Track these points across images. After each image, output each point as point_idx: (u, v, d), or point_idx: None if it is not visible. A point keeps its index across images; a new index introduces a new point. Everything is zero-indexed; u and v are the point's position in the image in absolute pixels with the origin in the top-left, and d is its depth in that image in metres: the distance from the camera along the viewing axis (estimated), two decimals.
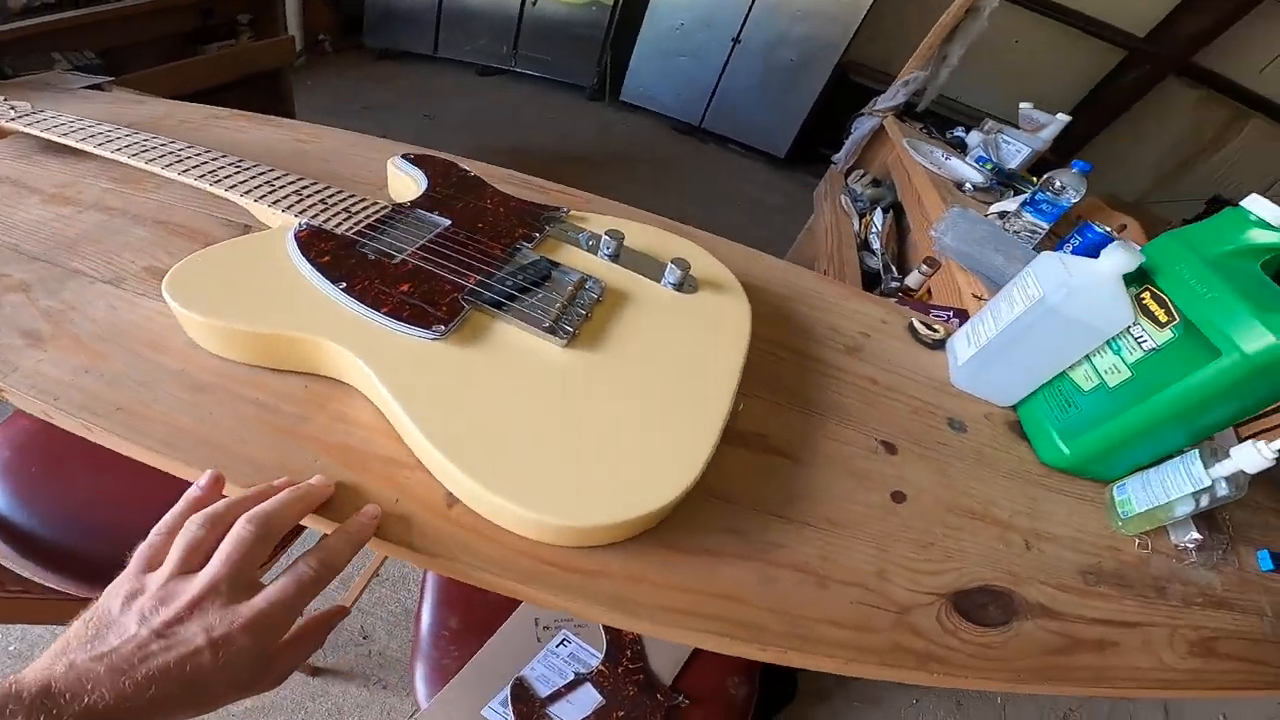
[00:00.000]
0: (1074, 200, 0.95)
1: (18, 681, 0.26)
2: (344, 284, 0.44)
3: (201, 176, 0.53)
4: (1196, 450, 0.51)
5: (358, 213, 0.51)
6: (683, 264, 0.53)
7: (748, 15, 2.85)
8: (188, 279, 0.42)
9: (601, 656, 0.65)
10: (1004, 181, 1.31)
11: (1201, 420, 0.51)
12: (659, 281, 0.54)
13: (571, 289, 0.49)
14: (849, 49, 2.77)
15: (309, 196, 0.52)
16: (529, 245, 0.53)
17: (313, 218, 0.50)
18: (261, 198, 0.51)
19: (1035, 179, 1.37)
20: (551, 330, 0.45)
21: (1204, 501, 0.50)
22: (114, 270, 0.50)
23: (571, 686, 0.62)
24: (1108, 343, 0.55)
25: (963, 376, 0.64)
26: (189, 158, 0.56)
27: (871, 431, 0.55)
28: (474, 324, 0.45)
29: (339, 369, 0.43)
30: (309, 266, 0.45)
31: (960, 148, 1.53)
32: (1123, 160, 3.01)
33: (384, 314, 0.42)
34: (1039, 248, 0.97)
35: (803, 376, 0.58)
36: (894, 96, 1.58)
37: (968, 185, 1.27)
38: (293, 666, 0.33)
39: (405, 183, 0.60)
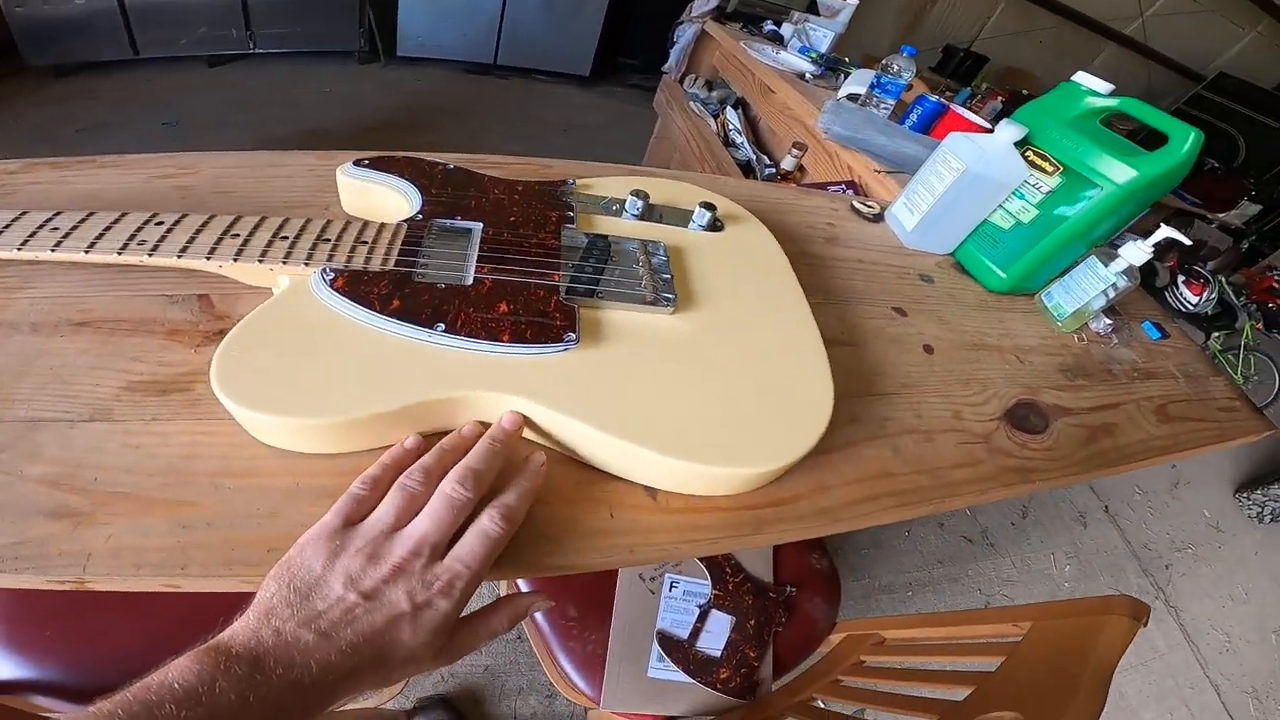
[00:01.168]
0: (908, 79, 1.11)
1: (226, 646, 0.24)
2: (441, 325, 0.39)
3: (125, 249, 0.41)
4: (1095, 256, 0.70)
5: (373, 241, 0.44)
6: (709, 206, 0.54)
7: None
8: (249, 381, 0.34)
9: (709, 584, 0.70)
10: (831, 67, 1.45)
11: (1094, 234, 0.69)
12: (688, 227, 0.55)
13: (642, 257, 0.48)
14: None
15: (302, 238, 0.43)
16: (572, 226, 0.50)
17: (332, 261, 0.41)
18: (261, 255, 0.41)
19: (846, 58, 1.56)
20: (655, 302, 0.45)
21: (1111, 294, 0.68)
22: (86, 404, 0.38)
23: (702, 619, 0.67)
24: (1014, 192, 0.71)
25: (913, 239, 0.76)
26: (80, 230, 0.41)
27: (882, 302, 0.65)
28: (586, 320, 0.43)
29: (474, 414, 0.39)
30: (380, 317, 0.38)
31: (778, 41, 1.64)
32: (870, 23, 3.44)
33: (507, 342, 0.39)
34: (892, 118, 1.12)
35: (816, 273, 0.65)
36: (706, 2, 1.63)
37: (807, 75, 1.38)
38: (474, 644, 0.32)
39: (374, 194, 0.51)
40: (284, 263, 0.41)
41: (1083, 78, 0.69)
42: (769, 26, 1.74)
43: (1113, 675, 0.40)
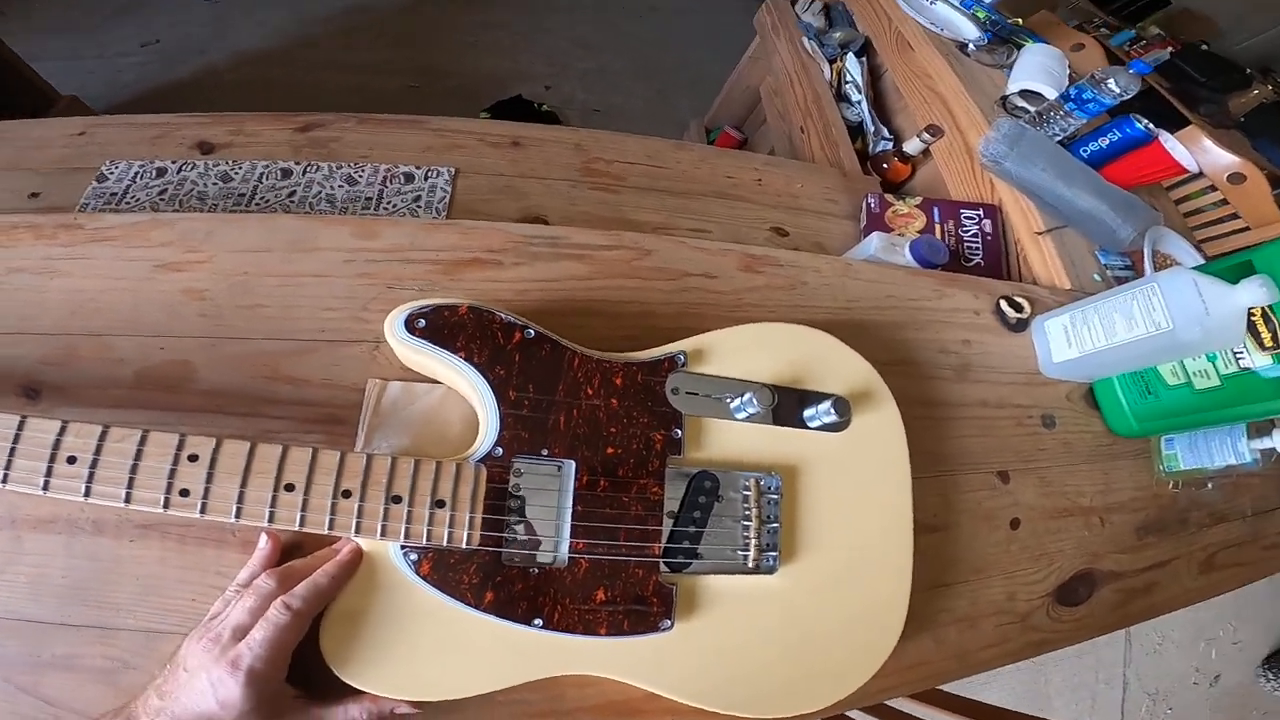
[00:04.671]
0: (1119, 100, 0.83)
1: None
2: (539, 620, 0.37)
3: (169, 503, 0.34)
4: (1244, 426, 0.59)
5: (451, 499, 0.37)
6: (843, 408, 0.45)
7: None
8: (362, 666, 0.36)
9: None
10: (1002, 35, 1.09)
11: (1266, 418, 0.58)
12: (808, 427, 0.46)
13: (753, 498, 0.42)
14: None
15: (370, 494, 0.36)
16: (678, 455, 0.42)
17: (409, 537, 0.36)
18: (329, 526, 0.36)
19: (1018, 20, 1.15)
20: (758, 569, 0.41)
21: (1239, 468, 0.60)
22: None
23: None
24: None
25: (1055, 370, 0.65)
26: (104, 462, 0.34)
27: (989, 465, 0.60)
28: (682, 590, 0.41)
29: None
30: (475, 612, 0.37)
31: None
32: None
33: (605, 635, 0.38)
34: (1068, 140, 0.87)
35: (928, 431, 0.58)
36: None
37: (969, 45, 1.04)
38: None
39: (434, 369, 0.43)
40: (356, 535, 0.36)
41: None
42: None
43: None
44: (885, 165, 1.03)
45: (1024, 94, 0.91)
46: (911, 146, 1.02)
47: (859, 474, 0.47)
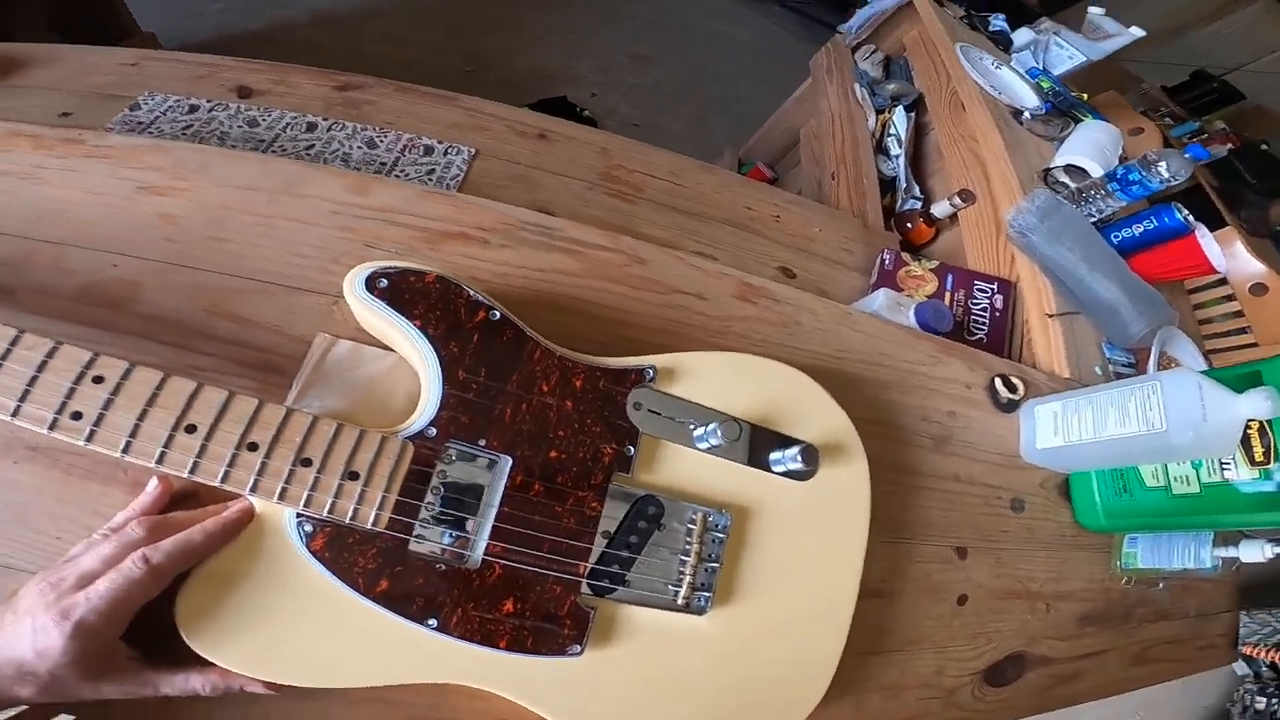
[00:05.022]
0: (1165, 186, 0.79)
1: None
2: (433, 621, 0.33)
3: (56, 424, 0.30)
4: (1210, 534, 0.56)
5: (368, 472, 0.33)
6: (811, 457, 0.41)
7: None
8: (218, 636, 0.31)
9: None
10: (1062, 107, 1.06)
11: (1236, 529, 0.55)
12: (771, 470, 0.42)
13: (696, 533, 0.37)
14: None
15: (278, 450, 0.32)
16: (627, 473, 0.38)
17: (310, 504, 0.32)
18: (222, 478, 0.31)
19: (1083, 95, 1.12)
20: (687, 607, 0.37)
21: (1198, 573, 0.57)
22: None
23: None
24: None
25: (1036, 456, 0.61)
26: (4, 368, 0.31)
27: (949, 540, 0.56)
28: (601, 617, 0.36)
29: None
30: (363, 600, 0.32)
31: (1003, 46, 1.22)
32: (1124, 10, 2.57)
33: (504, 649, 0.33)
34: (1103, 223, 0.83)
35: (894, 496, 0.55)
36: None
37: (1025, 113, 1.02)
38: (136, 683, 0.31)
39: (387, 332, 0.39)
40: (251, 493, 0.32)
41: None
42: (998, 23, 1.26)
43: None
44: (909, 224, 1.00)
45: (1069, 169, 0.88)
46: (940, 209, 0.99)
47: (814, 528, 0.43)
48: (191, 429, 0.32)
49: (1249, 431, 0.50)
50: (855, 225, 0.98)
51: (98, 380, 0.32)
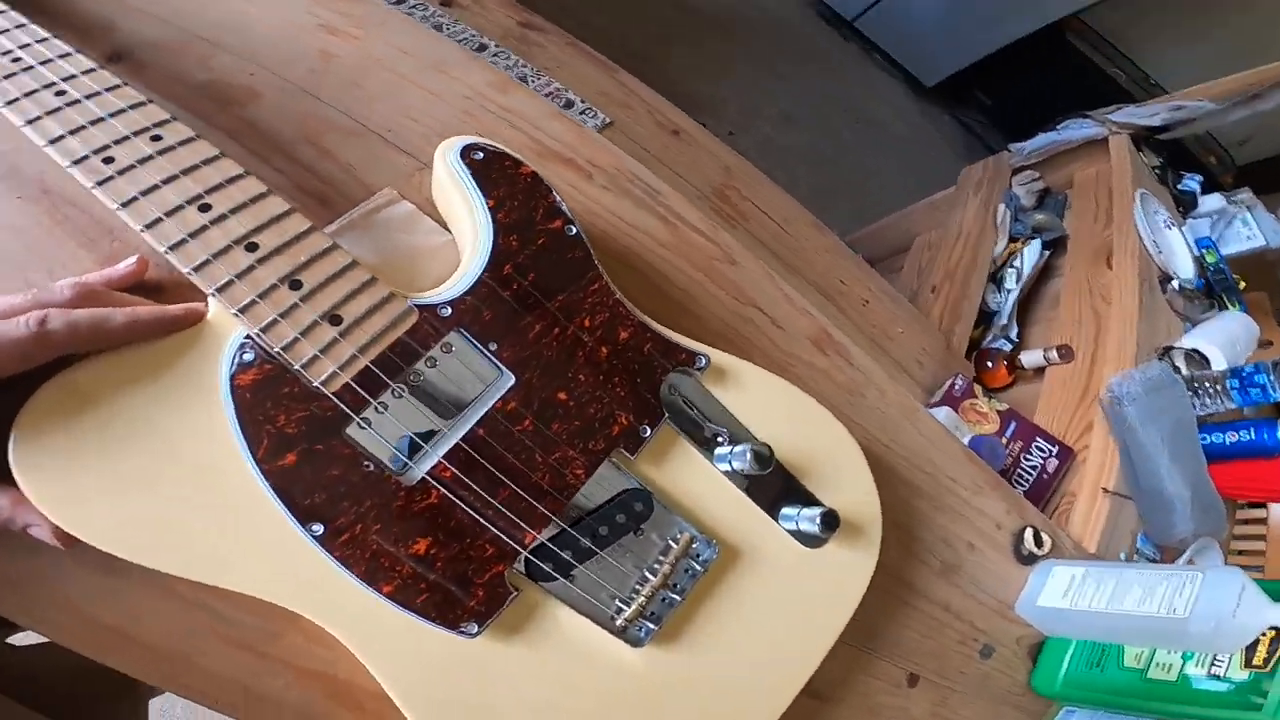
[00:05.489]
0: None
1: None
2: (319, 527, 0.25)
3: (83, 159, 0.28)
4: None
5: (355, 321, 0.28)
6: (830, 524, 0.33)
7: None
8: (51, 435, 0.24)
9: None
10: (1218, 288, 0.96)
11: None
12: (779, 521, 0.35)
13: (672, 559, 0.30)
14: (1080, 11, 1.97)
15: (273, 261, 0.28)
16: (631, 454, 0.31)
17: (270, 331, 0.27)
18: (196, 265, 0.27)
19: (1242, 281, 1.02)
20: (623, 633, 0.29)
21: None
22: None
23: None
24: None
25: (1031, 612, 0.53)
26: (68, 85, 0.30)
27: (910, 665, 0.48)
28: (521, 605, 0.28)
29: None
30: (250, 467, 0.25)
31: (1184, 207, 1.12)
32: None
33: (387, 596, 0.25)
34: (1202, 420, 0.74)
35: (882, 604, 0.46)
36: (1150, 115, 1.10)
37: (1175, 282, 0.93)
38: None
39: (456, 203, 0.35)
40: (217, 293, 0.27)
41: None
42: (1190, 184, 1.16)
43: None
44: (990, 363, 0.92)
45: (1191, 354, 0.78)
46: (1030, 359, 0.90)
47: (794, 601, 0.34)
48: (206, 208, 0.28)
49: (1261, 636, 0.43)
50: (939, 342, 0.91)
51: (155, 139, 0.29)
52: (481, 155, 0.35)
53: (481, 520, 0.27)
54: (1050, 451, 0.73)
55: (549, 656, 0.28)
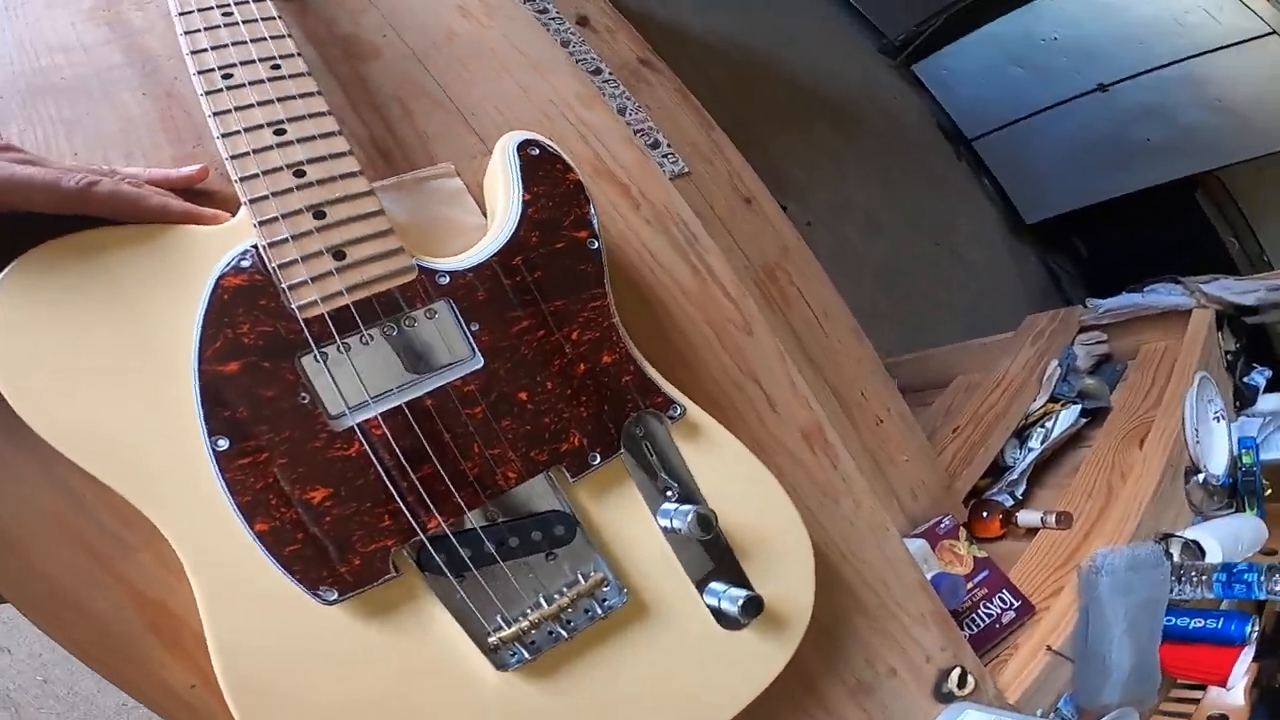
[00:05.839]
0: (1272, 600, 0.67)
1: None
2: (224, 442, 0.24)
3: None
4: None
5: (363, 259, 0.28)
6: (750, 611, 0.30)
7: (1154, 71, 1.91)
8: (30, 279, 0.25)
9: None
10: (1241, 491, 0.89)
11: None
12: (704, 594, 0.32)
13: (576, 592, 0.28)
14: (1226, 167, 1.91)
15: (312, 188, 0.29)
16: (572, 477, 0.30)
17: (279, 249, 0.27)
18: (244, 174, 0.28)
19: (1270, 488, 0.91)
20: (493, 653, 0.26)
21: None
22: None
23: None
24: None
25: None
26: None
27: None
28: (393, 591, 0.26)
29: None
30: (194, 366, 0.25)
31: (1246, 400, 1.01)
32: None
33: (257, 534, 0.24)
34: (1174, 604, 0.69)
35: (778, 710, 0.41)
36: (1245, 293, 1.04)
37: (1202, 475, 0.86)
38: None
39: (499, 186, 0.35)
40: (248, 203, 0.28)
41: None
42: (1259, 378, 1.05)
43: None
44: (985, 513, 0.87)
45: (1190, 544, 0.73)
46: (1026, 519, 0.85)
47: (685, 678, 0.31)
48: (280, 132, 0.30)
49: None
50: (941, 481, 0.86)
51: (275, 68, 0.32)
52: (537, 152, 0.36)
53: (392, 489, 0.26)
54: (1011, 604, 0.71)
55: (399, 653, 0.25)
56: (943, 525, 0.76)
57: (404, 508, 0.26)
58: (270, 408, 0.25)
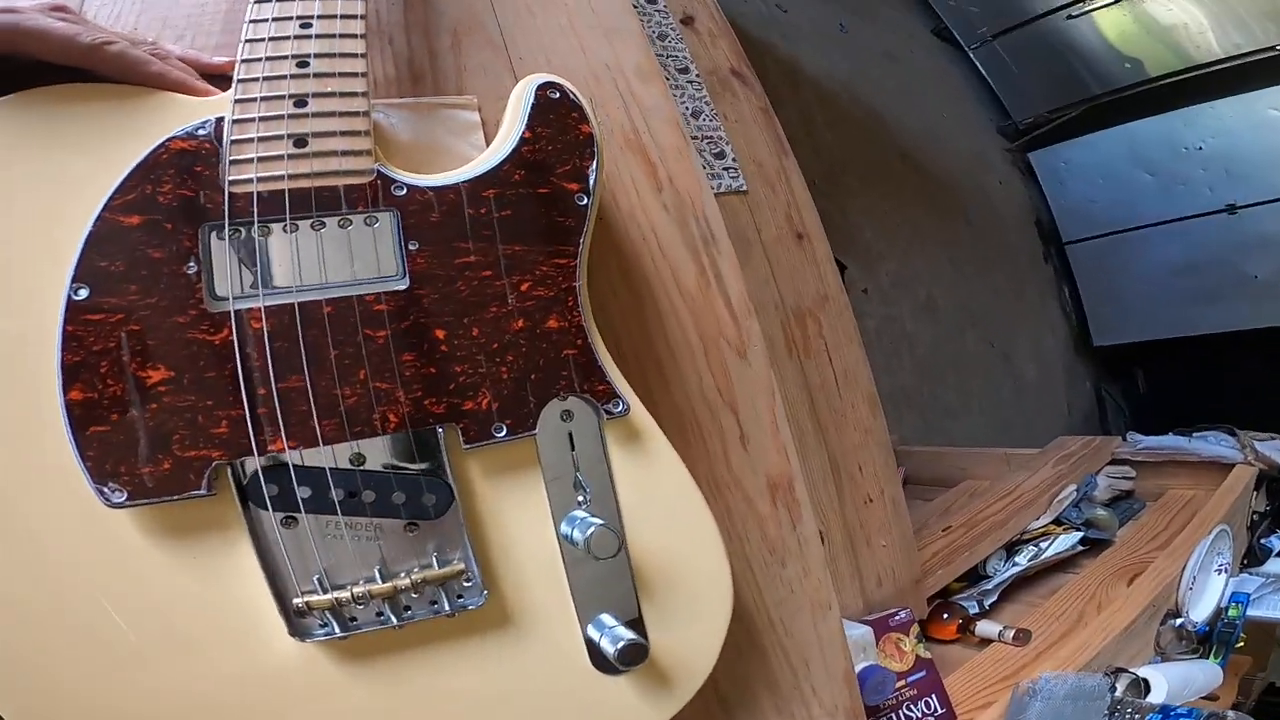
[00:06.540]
0: None
1: None
2: (84, 290, 0.21)
3: None
4: None
5: (310, 157, 0.25)
6: (632, 657, 0.24)
7: None
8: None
9: None
10: (1214, 640, 0.80)
11: None
12: (587, 622, 0.26)
13: (426, 576, 0.23)
14: None
15: (305, 79, 0.26)
16: (467, 444, 0.24)
17: (244, 121, 0.24)
18: (254, 40, 0.26)
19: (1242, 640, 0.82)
20: (294, 615, 0.21)
21: None
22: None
23: None
24: None
25: None
26: None
27: None
28: (198, 512, 0.21)
29: None
30: (99, 209, 0.22)
31: (1256, 559, 0.94)
32: None
33: (65, 400, 0.20)
34: None
35: None
36: None
37: (1181, 619, 0.77)
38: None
39: (503, 127, 0.32)
40: (238, 81, 0.25)
41: None
42: (1274, 541, 0.96)
43: None
44: (945, 615, 0.79)
45: (1136, 681, 0.66)
46: (984, 629, 0.77)
47: (526, 711, 0.25)
48: (307, 25, 0.28)
49: None
50: (912, 575, 0.77)
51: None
52: (557, 95, 0.32)
53: (244, 392, 0.21)
54: (934, 710, 0.66)
55: (178, 588, 0.21)
56: (897, 617, 0.70)
57: (249, 419, 0.21)
58: (149, 268, 0.22)
